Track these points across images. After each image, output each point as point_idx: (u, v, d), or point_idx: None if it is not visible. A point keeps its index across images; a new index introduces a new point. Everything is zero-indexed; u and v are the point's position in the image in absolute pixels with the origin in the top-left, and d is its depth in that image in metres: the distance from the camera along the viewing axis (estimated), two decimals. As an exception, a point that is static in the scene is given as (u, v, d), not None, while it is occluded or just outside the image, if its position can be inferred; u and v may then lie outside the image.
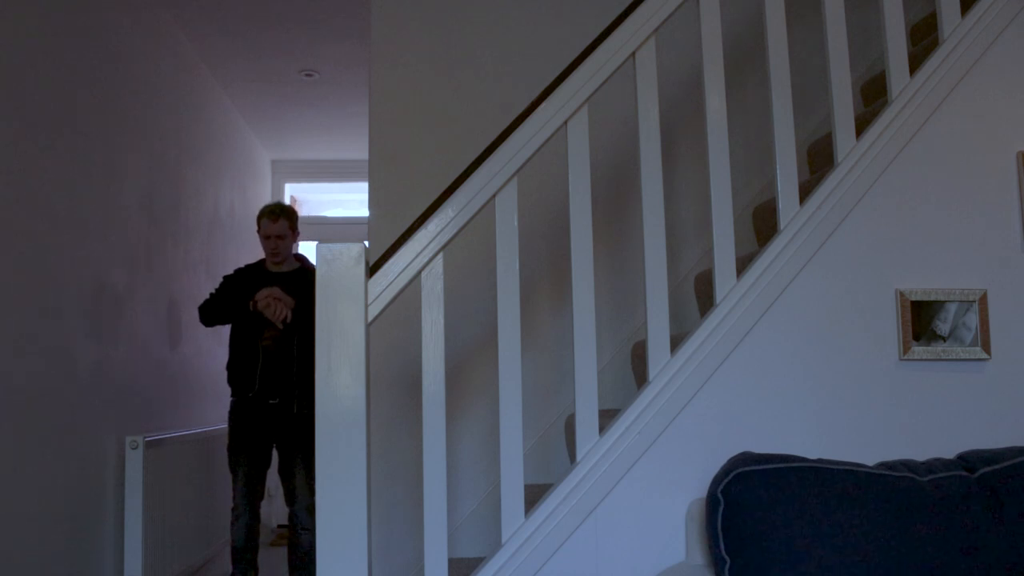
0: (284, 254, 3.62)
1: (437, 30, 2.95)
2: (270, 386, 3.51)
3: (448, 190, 1.83)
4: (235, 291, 3.56)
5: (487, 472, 2.77)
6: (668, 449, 1.88)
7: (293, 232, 3.68)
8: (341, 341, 1.66)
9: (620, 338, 2.87)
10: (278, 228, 3.60)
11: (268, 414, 3.50)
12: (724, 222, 1.96)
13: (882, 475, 1.73)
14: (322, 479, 1.63)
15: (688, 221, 2.95)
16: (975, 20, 2.09)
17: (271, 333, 3.48)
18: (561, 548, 1.82)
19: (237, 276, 3.67)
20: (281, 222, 3.60)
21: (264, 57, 4.41)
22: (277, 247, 3.61)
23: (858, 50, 2.92)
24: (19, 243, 2.55)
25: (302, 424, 3.52)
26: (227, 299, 3.57)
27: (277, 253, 3.61)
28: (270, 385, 3.51)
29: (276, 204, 3.70)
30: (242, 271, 3.71)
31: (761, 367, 1.93)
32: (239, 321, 3.56)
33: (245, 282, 3.61)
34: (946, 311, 1.99)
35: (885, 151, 2.02)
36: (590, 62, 1.92)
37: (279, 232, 3.61)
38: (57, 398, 2.80)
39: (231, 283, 3.65)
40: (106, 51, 3.22)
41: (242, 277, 3.65)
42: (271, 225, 3.61)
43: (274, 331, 3.47)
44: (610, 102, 2.85)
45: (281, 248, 3.61)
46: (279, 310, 3.39)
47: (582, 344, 1.87)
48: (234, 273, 3.72)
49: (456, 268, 2.82)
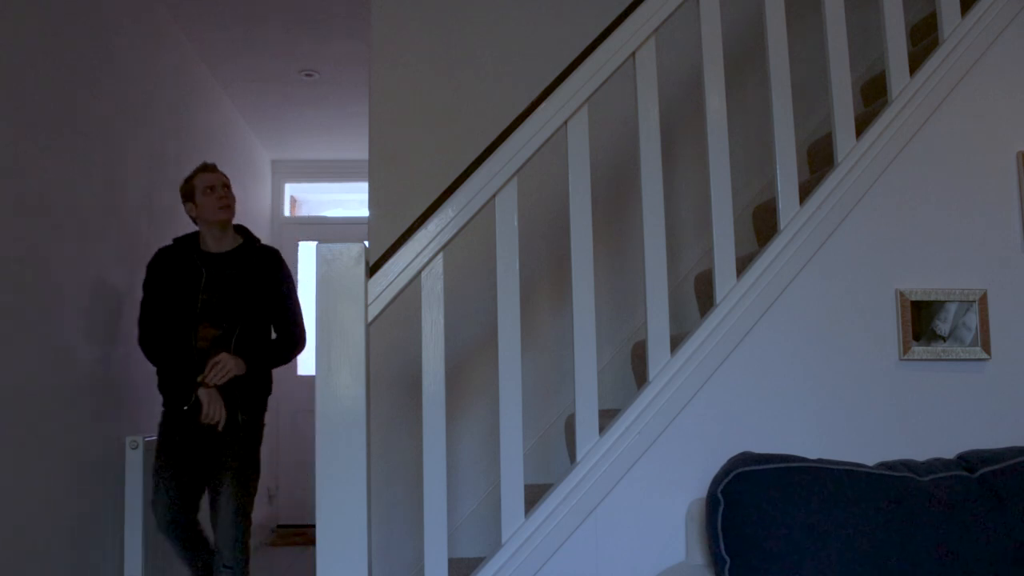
0: (234, 207, 3.03)
1: (437, 30, 2.95)
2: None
3: (448, 190, 1.83)
4: (167, 286, 2.94)
5: (487, 472, 2.77)
6: (668, 449, 1.88)
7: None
8: (341, 341, 1.66)
9: (620, 338, 2.87)
10: (221, 177, 3.03)
11: (207, 430, 2.88)
12: (724, 222, 1.96)
13: (882, 475, 1.73)
14: (322, 479, 1.63)
15: (688, 221, 2.95)
16: (975, 20, 2.09)
17: (207, 332, 2.92)
18: (561, 548, 1.82)
19: (165, 263, 2.99)
20: (220, 172, 3.06)
21: (264, 57, 4.41)
22: (227, 196, 3.00)
23: (858, 50, 2.92)
24: (19, 243, 2.55)
25: (242, 433, 2.94)
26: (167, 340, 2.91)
27: (228, 205, 2.99)
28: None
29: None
30: (168, 253, 3.02)
31: (761, 367, 1.93)
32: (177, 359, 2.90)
33: (178, 270, 2.95)
34: (946, 311, 1.99)
35: (885, 151, 2.02)
36: (590, 62, 1.92)
37: (224, 180, 3.03)
38: (57, 398, 2.80)
39: (159, 277, 2.97)
40: (106, 51, 3.22)
41: (172, 263, 2.97)
42: (211, 176, 3.01)
43: (211, 329, 2.91)
44: (610, 102, 2.85)
45: (231, 199, 3.02)
46: (214, 413, 2.81)
47: (582, 344, 1.87)
48: (158, 258, 3.01)
49: (456, 268, 2.82)
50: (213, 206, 3.00)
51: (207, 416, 2.80)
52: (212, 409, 2.80)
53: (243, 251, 3.07)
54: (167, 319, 2.93)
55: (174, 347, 2.91)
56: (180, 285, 2.94)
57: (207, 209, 3.00)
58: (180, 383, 2.88)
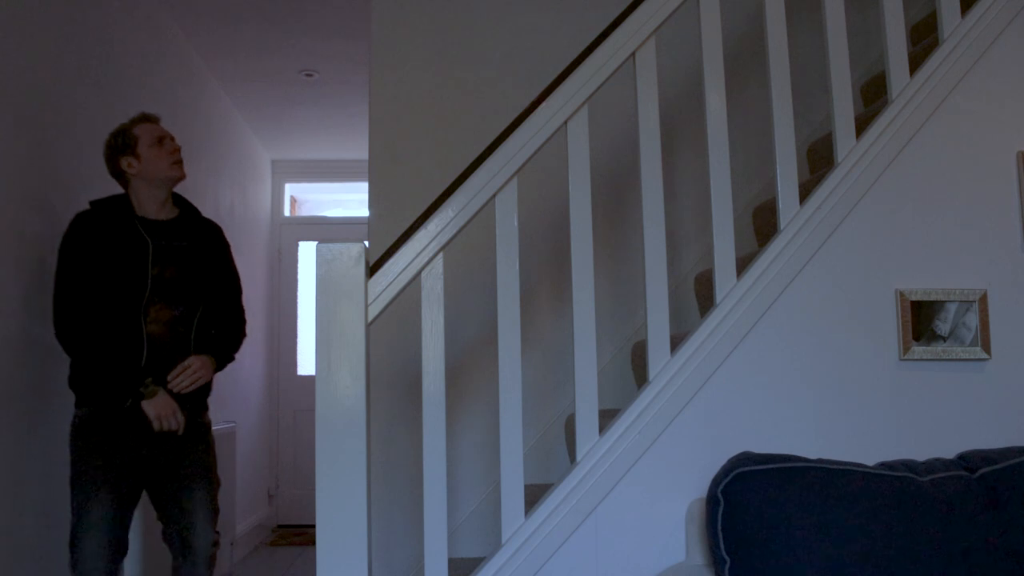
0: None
1: (437, 30, 2.95)
2: (158, 383, 2.43)
3: (448, 190, 1.83)
4: (100, 258, 2.39)
5: (487, 472, 2.77)
6: (668, 449, 1.88)
7: None
8: (341, 341, 1.66)
9: (620, 338, 2.87)
10: (165, 129, 2.60)
11: (149, 430, 2.39)
12: (724, 222, 1.96)
13: (882, 475, 1.73)
14: (322, 479, 1.63)
15: (688, 221, 2.95)
16: (975, 20, 2.09)
17: (161, 314, 2.46)
18: (561, 548, 1.82)
19: (91, 231, 2.42)
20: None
21: (264, 57, 4.41)
22: (178, 151, 2.55)
23: (858, 50, 2.92)
24: (19, 243, 2.55)
25: (201, 435, 2.56)
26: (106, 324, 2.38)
27: (179, 160, 2.54)
28: (159, 381, 2.43)
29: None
30: (93, 218, 2.45)
31: (761, 367, 1.93)
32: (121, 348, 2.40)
33: (113, 239, 2.43)
34: (946, 311, 1.99)
35: (885, 151, 2.02)
36: (590, 62, 1.92)
37: (170, 133, 2.61)
38: (57, 398, 2.80)
39: (86, 248, 2.40)
40: (105, 51, 3.22)
41: (102, 231, 2.43)
42: (156, 127, 2.56)
43: (166, 310, 2.46)
44: (610, 102, 2.85)
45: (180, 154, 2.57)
46: (170, 419, 2.40)
47: (582, 344, 1.87)
48: (80, 225, 2.44)
49: (456, 268, 2.82)
50: (166, 161, 2.51)
51: (164, 422, 2.37)
52: (166, 413, 2.37)
53: (188, 221, 2.61)
54: (102, 299, 2.38)
55: (117, 333, 2.39)
56: (120, 257, 2.41)
57: (157, 164, 2.49)
58: (125, 376, 2.38)
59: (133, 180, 2.52)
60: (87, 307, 2.39)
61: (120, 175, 2.54)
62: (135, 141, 2.51)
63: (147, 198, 2.54)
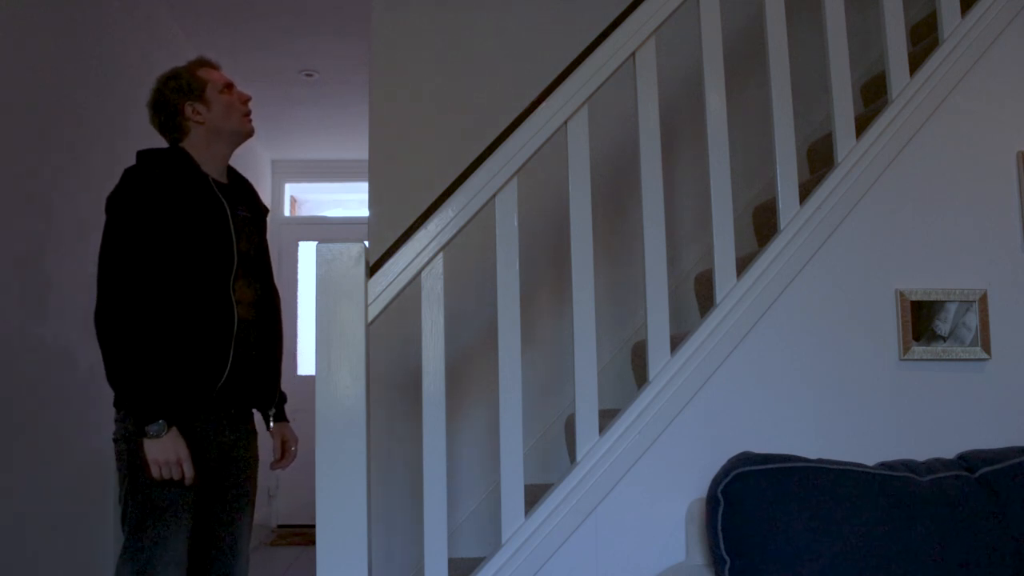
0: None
1: (437, 30, 2.95)
2: (238, 380, 2.01)
3: (448, 190, 1.83)
4: (181, 223, 1.94)
5: (487, 472, 2.77)
6: (668, 449, 1.88)
7: None
8: (341, 341, 1.66)
9: (620, 338, 2.87)
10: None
11: (224, 431, 2.03)
12: (724, 222, 1.96)
13: (882, 475, 1.73)
14: (322, 479, 1.63)
15: (688, 221, 2.95)
16: (975, 20, 2.09)
17: (246, 294, 2.06)
18: (561, 548, 1.81)
19: (163, 188, 1.95)
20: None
21: (264, 57, 4.41)
22: (248, 100, 2.16)
23: (858, 50, 2.92)
24: (19, 243, 2.55)
25: (253, 450, 2.19)
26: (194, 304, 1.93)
27: (250, 113, 2.16)
28: (238, 378, 2.01)
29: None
30: (160, 174, 1.97)
31: (761, 367, 1.93)
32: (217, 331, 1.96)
33: (192, 201, 1.98)
34: (946, 311, 1.99)
35: (885, 151, 2.02)
36: (590, 62, 1.92)
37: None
38: (57, 398, 2.80)
39: (159, 209, 1.93)
40: (105, 50, 3.22)
41: (177, 190, 1.97)
42: (220, 72, 2.16)
43: (248, 290, 2.07)
44: (610, 102, 2.85)
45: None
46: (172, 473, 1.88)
47: (582, 344, 1.86)
48: (146, 179, 1.95)
49: (456, 268, 2.82)
50: (238, 111, 2.12)
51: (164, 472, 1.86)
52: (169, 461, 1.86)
53: (243, 187, 2.21)
54: (184, 275, 1.93)
55: (210, 315, 1.95)
56: (203, 223, 1.98)
57: (229, 113, 2.10)
58: (209, 366, 1.95)
59: (195, 131, 2.08)
60: (164, 282, 1.91)
61: (177, 127, 2.08)
62: (203, 85, 2.09)
63: (210, 156, 2.09)
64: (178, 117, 2.08)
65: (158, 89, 2.11)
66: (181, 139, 2.10)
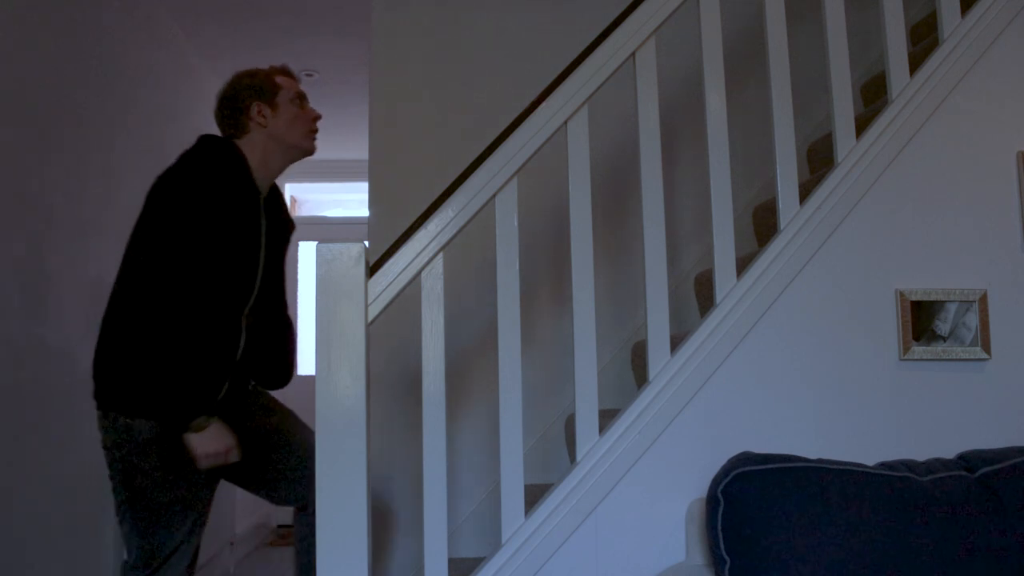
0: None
1: (437, 30, 2.95)
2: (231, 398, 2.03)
3: (448, 190, 1.83)
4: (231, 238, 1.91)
5: (487, 472, 2.77)
6: (668, 449, 1.88)
7: None
8: (341, 341, 1.66)
9: (620, 338, 2.87)
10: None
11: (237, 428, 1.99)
12: (724, 222, 1.96)
13: (882, 475, 1.73)
14: (322, 479, 1.63)
15: (688, 221, 2.95)
16: (975, 20, 2.09)
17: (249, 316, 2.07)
18: (561, 548, 1.82)
19: (228, 198, 1.92)
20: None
21: (264, 57, 4.40)
22: (318, 119, 2.14)
23: (858, 50, 2.92)
24: (19, 243, 2.55)
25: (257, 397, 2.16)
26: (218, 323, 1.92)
27: (316, 131, 2.13)
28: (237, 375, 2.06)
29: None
30: (229, 182, 1.94)
31: (761, 367, 1.93)
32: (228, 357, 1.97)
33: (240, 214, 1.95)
34: (946, 311, 1.99)
35: (885, 151, 2.02)
36: (590, 62, 1.92)
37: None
38: (57, 398, 2.80)
39: (222, 221, 1.89)
40: (105, 50, 3.22)
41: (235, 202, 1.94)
42: (296, 83, 2.11)
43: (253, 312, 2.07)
44: (610, 102, 2.85)
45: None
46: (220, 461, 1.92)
47: (582, 344, 1.86)
48: (220, 185, 1.91)
49: (456, 268, 2.82)
50: (306, 126, 2.07)
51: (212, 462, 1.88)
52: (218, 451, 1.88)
53: (276, 198, 2.13)
54: (212, 293, 1.90)
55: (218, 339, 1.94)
56: (240, 248, 1.93)
57: (295, 125, 2.05)
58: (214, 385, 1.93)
59: (255, 133, 2.03)
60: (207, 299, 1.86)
61: (239, 124, 2.03)
62: (276, 89, 2.04)
63: (262, 164, 2.02)
64: (243, 115, 2.03)
65: (232, 83, 2.07)
66: (238, 137, 2.04)
